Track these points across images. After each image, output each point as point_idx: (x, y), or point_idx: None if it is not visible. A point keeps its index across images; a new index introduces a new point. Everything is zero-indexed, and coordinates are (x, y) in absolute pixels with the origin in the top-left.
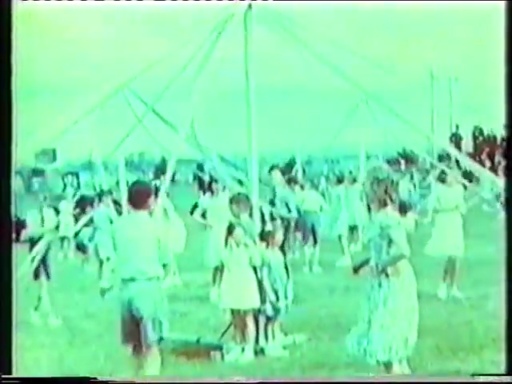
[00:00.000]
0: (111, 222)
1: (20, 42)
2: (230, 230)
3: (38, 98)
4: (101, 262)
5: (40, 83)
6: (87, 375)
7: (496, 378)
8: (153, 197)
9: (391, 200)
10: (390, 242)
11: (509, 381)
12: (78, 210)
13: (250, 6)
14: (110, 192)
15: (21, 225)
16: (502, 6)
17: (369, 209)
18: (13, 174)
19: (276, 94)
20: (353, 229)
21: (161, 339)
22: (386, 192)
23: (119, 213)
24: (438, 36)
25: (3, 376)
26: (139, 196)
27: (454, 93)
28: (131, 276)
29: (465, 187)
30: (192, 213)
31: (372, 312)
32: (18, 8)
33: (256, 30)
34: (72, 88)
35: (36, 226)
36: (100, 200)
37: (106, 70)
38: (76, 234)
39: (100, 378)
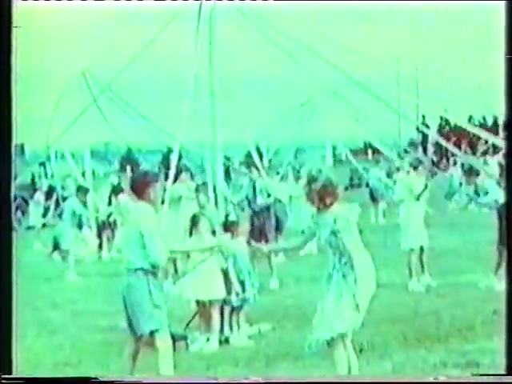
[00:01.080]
0: (78, 216)
1: (20, 42)
2: (195, 220)
3: (38, 97)
4: (67, 252)
5: (40, 82)
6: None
7: (496, 378)
8: (154, 187)
9: (335, 200)
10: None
11: (509, 381)
12: (48, 201)
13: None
14: (82, 188)
15: None
16: (502, 5)
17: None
18: (13, 172)
19: (240, 86)
20: None
21: (152, 331)
22: (324, 197)
23: (84, 203)
24: (407, 28)
25: (3, 376)
26: (140, 186)
27: (420, 83)
28: (125, 266)
29: (432, 177)
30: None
31: (336, 303)
32: (18, 8)
33: (220, 23)
34: (71, 86)
35: None
36: (75, 194)
37: (105, 68)
38: (44, 225)
39: (100, 378)
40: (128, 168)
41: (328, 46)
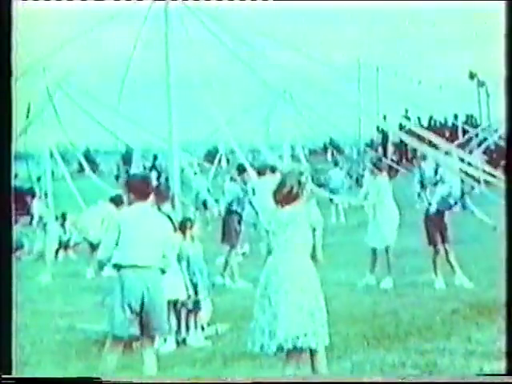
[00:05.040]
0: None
1: (20, 42)
2: None
3: (38, 97)
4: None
5: (40, 82)
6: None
7: (496, 378)
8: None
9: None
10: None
11: (509, 381)
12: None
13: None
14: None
15: None
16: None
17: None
18: (13, 172)
19: (197, 86)
20: None
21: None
22: (289, 199)
23: (46, 205)
24: (366, 28)
25: (3, 376)
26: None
27: (380, 82)
28: (131, 264)
29: (392, 177)
30: None
31: (276, 303)
32: (18, 8)
33: (177, 24)
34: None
35: None
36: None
37: (105, 69)
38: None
39: (101, 378)
40: (87, 168)
41: (285, 45)
